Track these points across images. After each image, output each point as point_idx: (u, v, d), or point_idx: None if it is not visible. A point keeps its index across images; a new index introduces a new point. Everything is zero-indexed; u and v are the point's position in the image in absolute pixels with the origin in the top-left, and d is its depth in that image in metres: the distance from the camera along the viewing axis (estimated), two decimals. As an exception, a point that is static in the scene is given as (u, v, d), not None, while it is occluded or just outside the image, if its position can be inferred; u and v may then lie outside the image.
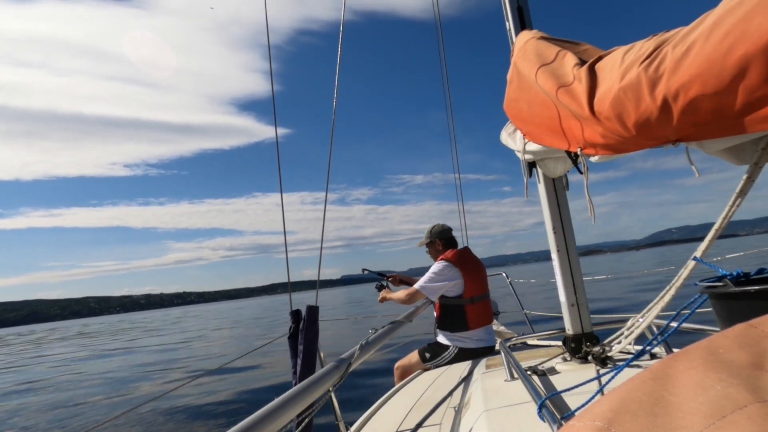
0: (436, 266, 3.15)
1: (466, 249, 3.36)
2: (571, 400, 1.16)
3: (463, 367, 2.48)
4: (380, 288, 3.61)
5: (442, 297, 3.14)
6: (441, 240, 3.40)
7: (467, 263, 3.20)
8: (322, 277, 2.33)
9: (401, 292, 3.27)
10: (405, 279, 3.78)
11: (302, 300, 2.06)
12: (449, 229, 3.47)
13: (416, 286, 3.16)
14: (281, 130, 2.21)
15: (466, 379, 2.13)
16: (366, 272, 3.83)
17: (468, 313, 3.09)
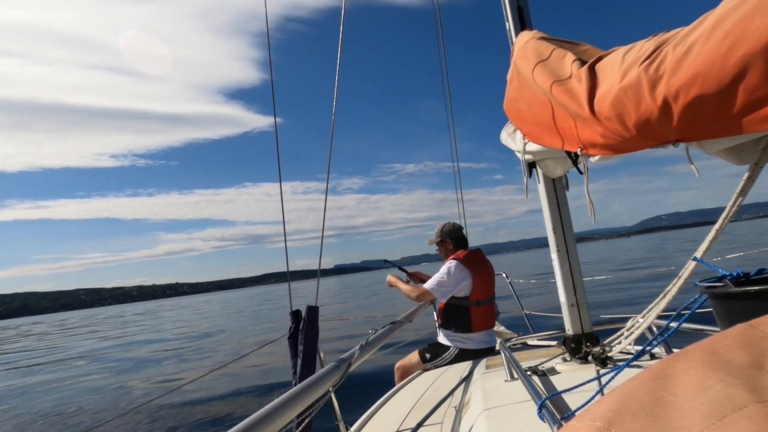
0: (447, 266, 3.11)
1: (479, 251, 3.32)
2: (571, 400, 1.16)
3: (463, 367, 2.48)
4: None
5: None
6: (452, 239, 3.36)
7: (477, 265, 3.17)
8: (315, 267, 2.31)
9: (411, 287, 3.21)
10: (425, 278, 3.75)
11: (298, 290, 2.05)
12: (460, 228, 3.43)
13: (426, 286, 3.10)
14: (270, 119, 2.17)
15: (467, 379, 2.13)
16: (387, 263, 3.75)
17: (472, 315, 3.07)
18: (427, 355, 3.14)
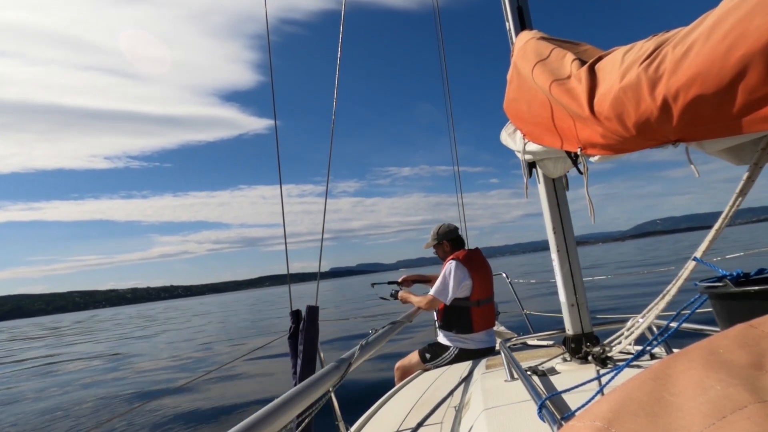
0: (447, 268, 3.12)
1: (477, 250, 3.33)
2: (571, 400, 1.16)
3: (463, 367, 2.48)
4: (394, 295, 3.56)
5: None
6: (448, 241, 3.37)
7: (476, 265, 3.17)
8: (312, 270, 2.33)
9: (420, 298, 3.26)
10: (416, 278, 3.73)
11: (295, 292, 2.04)
12: (456, 229, 3.44)
13: (432, 293, 3.13)
14: (265, 122, 2.16)
15: (467, 379, 2.13)
16: (376, 285, 3.73)
17: (473, 316, 3.07)
18: (427, 355, 3.14)
